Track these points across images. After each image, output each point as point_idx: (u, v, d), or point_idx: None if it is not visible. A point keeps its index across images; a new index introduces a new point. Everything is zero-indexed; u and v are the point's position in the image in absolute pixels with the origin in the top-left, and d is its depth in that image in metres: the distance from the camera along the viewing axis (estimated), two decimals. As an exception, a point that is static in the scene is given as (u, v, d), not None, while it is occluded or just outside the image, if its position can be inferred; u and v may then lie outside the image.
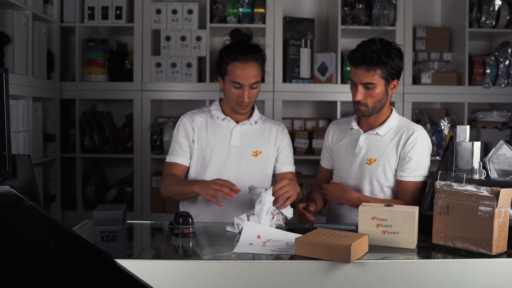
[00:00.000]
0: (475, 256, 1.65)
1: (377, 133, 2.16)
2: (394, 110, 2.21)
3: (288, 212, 2.06)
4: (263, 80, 2.32)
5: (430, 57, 3.79)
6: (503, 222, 1.65)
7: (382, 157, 2.13)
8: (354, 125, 2.22)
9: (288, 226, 2.17)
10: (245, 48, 2.24)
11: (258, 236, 1.88)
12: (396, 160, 2.12)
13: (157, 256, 1.76)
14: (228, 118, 2.31)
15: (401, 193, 2.12)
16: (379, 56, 2.04)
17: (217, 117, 2.31)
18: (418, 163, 2.10)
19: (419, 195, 2.12)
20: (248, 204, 2.21)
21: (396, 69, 2.09)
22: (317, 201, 2.27)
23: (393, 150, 2.12)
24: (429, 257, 1.71)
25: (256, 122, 2.34)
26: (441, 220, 1.72)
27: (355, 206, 2.07)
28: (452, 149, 2.01)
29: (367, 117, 2.17)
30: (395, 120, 2.18)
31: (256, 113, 2.37)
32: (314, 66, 3.64)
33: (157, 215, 3.53)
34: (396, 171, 2.14)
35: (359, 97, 2.09)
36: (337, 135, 2.29)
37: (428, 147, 2.15)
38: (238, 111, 2.27)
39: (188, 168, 2.32)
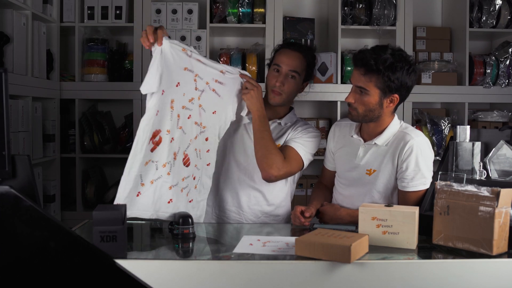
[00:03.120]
0: (475, 256, 1.65)
1: (375, 143, 2.10)
2: (395, 117, 2.12)
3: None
4: (307, 79, 2.34)
5: (430, 57, 3.79)
6: (504, 222, 1.65)
7: (381, 167, 2.08)
8: (354, 134, 2.16)
9: (288, 226, 2.17)
10: (295, 43, 2.45)
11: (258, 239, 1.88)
12: (394, 169, 2.06)
13: (157, 256, 1.76)
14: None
15: (402, 203, 2.06)
16: (376, 63, 1.95)
17: None
18: (416, 172, 2.01)
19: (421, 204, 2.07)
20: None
21: (396, 83, 1.97)
22: (319, 200, 2.26)
23: (390, 160, 2.06)
24: (429, 257, 1.71)
25: (286, 124, 2.34)
26: (442, 220, 1.72)
27: (350, 222, 2.06)
28: (453, 149, 2.01)
29: (360, 123, 2.14)
30: (395, 129, 2.10)
31: (290, 116, 2.37)
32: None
33: (157, 215, 3.52)
34: (396, 180, 2.08)
35: (350, 99, 2.04)
36: (339, 140, 2.25)
37: (427, 154, 2.05)
38: (270, 99, 2.26)
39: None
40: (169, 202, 2.00)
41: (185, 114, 2.02)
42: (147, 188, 1.94)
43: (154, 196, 1.96)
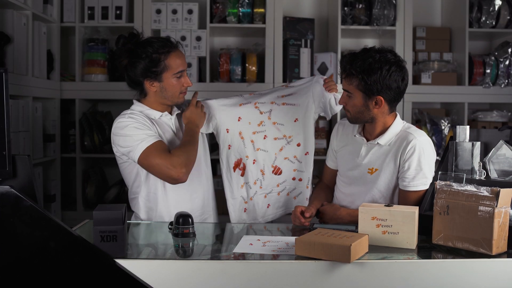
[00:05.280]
0: (475, 256, 1.65)
1: (378, 143, 2.10)
2: (398, 117, 2.12)
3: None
4: None
5: (430, 57, 3.79)
6: (503, 222, 1.65)
7: (383, 166, 2.08)
8: (357, 133, 2.18)
9: (288, 226, 2.17)
10: (164, 39, 2.24)
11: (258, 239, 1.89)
12: (396, 169, 2.06)
13: (157, 256, 1.76)
14: (166, 112, 2.27)
15: (402, 202, 2.06)
16: (351, 66, 1.99)
17: (154, 116, 2.23)
18: (418, 172, 2.01)
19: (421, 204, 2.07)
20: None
21: (376, 85, 1.98)
22: (320, 200, 2.26)
23: (392, 159, 2.07)
24: (429, 257, 1.72)
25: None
26: (441, 220, 1.72)
27: (350, 222, 2.07)
28: (452, 149, 2.01)
29: (356, 123, 2.15)
30: (397, 128, 2.10)
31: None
32: (314, 66, 3.64)
33: (157, 215, 3.52)
34: (397, 179, 2.08)
35: (341, 101, 2.11)
36: (342, 139, 2.26)
37: (430, 154, 2.04)
38: (180, 100, 2.26)
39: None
40: (268, 207, 2.39)
41: (259, 137, 2.35)
42: (249, 204, 2.37)
43: (255, 207, 2.37)
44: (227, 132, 2.34)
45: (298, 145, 2.37)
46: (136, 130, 2.11)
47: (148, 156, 2.06)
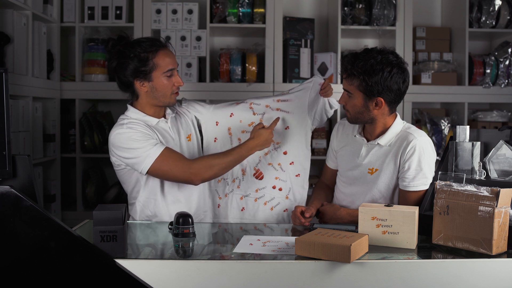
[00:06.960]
0: (475, 256, 1.65)
1: (378, 143, 2.10)
2: (398, 117, 2.12)
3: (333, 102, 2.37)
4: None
5: (430, 57, 3.79)
6: (503, 222, 1.65)
7: (383, 167, 2.08)
8: (357, 133, 2.18)
9: (288, 226, 2.17)
10: (153, 38, 2.22)
11: (258, 239, 1.89)
12: (396, 169, 2.06)
13: (157, 256, 1.76)
14: (162, 118, 2.24)
15: (402, 202, 2.06)
16: (353, 66, 1.99)
17: (151, 123, 2.20)
18: (418, 172, 2.01)
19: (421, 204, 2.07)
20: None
21: (377, 87, 1.98)
22: (320, 200, 2.26)
23: (392, 159, 2.07)
24: (429, 257, 1.72)
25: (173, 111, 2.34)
26: (441, 220, 1.72)
27: (350, 222, 2.08)
28: (452, 149, 2.01)
29: (355, 124, 2.16)
30: (397, 129, 2.10)
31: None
32: (314, 66, 3.64)
33: (157, 215, 3.52)
34: (397, 180, 2.08)
35: (341, 101, 2.11)
36: (342, 139, 2.26)
37: (430, 154, 2.04)
38: (172, 101, 2.21)
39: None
40: (242, 210, 2.35)
41: (247, 137, 2.28)
42: (222, 200, 2.36)
43: (228, 206, 2.36)
44: (217, 124, 2.35)
45: (285, 153, 2.34)
46: (138, 143, 2.10)
47: (161, 166, 2.07)
